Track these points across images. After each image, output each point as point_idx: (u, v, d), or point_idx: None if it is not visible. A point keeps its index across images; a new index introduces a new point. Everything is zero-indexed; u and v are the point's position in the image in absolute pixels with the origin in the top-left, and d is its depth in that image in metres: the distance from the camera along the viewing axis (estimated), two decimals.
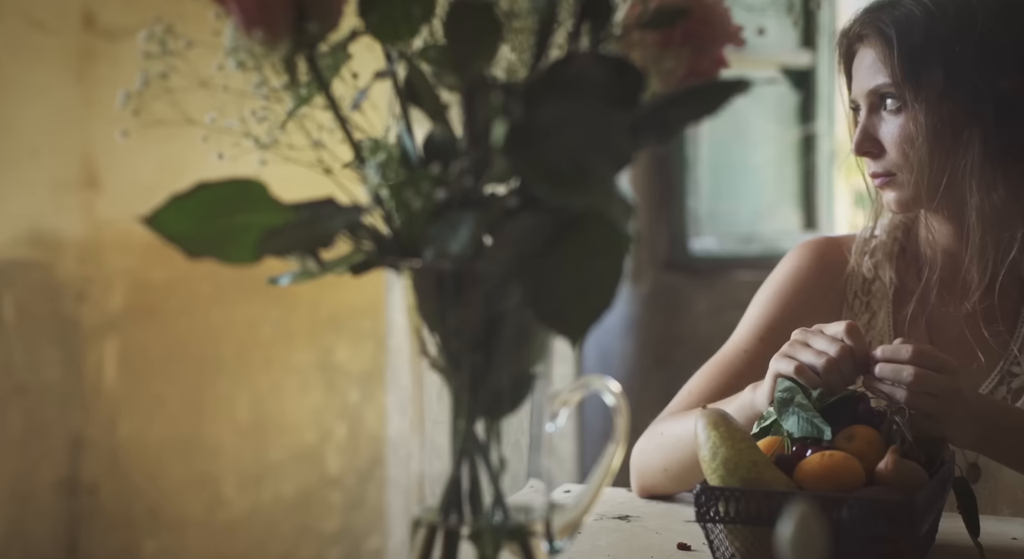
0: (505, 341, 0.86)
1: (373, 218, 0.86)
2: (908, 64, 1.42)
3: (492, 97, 0.77)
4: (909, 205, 1.47)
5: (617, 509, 1.40)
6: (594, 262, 0.80)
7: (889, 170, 1.45)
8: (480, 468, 0.87)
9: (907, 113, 1.42)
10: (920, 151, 1.42)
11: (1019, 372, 1.45)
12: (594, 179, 0.76)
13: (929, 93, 1.42)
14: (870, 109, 1.45)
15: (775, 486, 1.10)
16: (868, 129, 1.45)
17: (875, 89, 1.44)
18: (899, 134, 1.43)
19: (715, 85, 0.84)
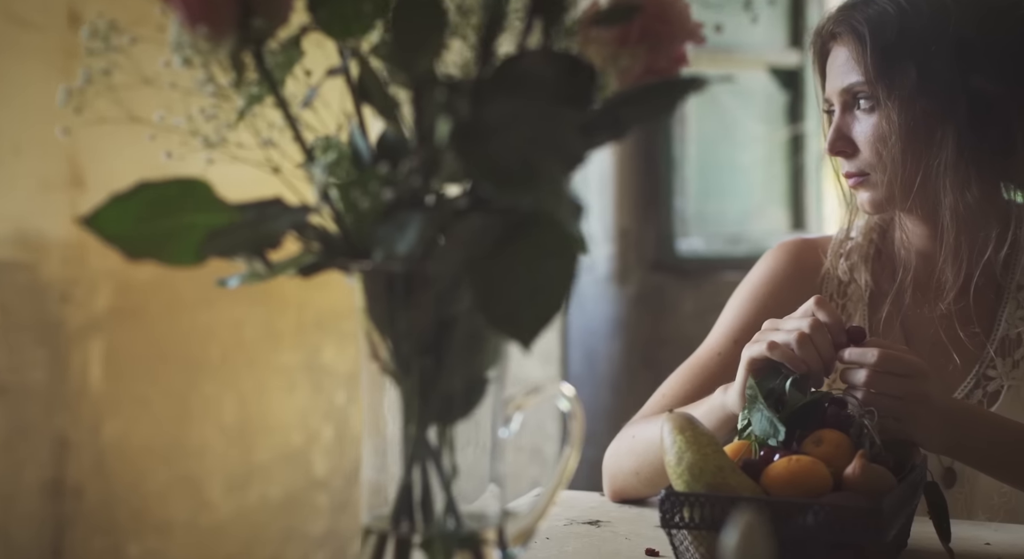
0: (457, 345, 0.84)
1: (322, 218, 0.85)
2: (881, 62, 1.40)
3: (436, 94, 0.75)
4: (883, 205, 1.45)
5: (588, 514, 1.39)
6: (545, 264, 0.78)
7: (862, 170, 1.43)
8: (432, 474, 0.85)
9: (880, 112, 1.40)
10: (893, 150, 1.40)
11: (995, 375, 1.43)
12: (542, 179, 0.74)
13: (902, 91, 1.40)
14: (843, 108, 1.43)
15: (740, 492, 1.08)
16: (841, 128, 1.43)
17: (848, 88, 1.43)
18: (872, 133, 1.41)
19: (668, 83, 0.82)
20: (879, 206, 1.45)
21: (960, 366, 1.45)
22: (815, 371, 1.21)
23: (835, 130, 1.43)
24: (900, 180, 1.41)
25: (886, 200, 1.44)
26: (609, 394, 3.06)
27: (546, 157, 0.75)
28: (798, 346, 1.21)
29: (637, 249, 3.24)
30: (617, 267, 3.17)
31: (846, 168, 1.44)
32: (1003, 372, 1.43)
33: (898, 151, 1.40)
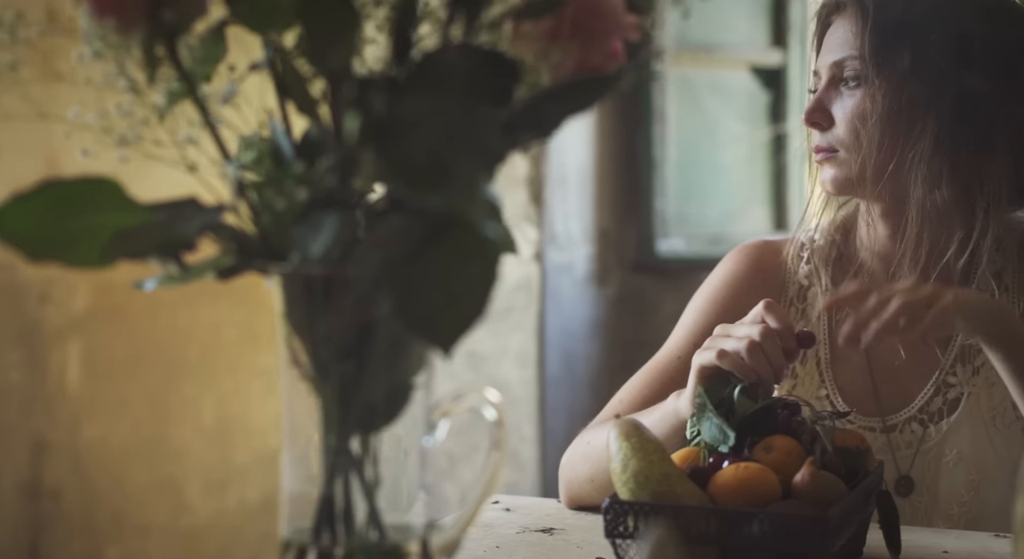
0: (379, 350, 0.81)
1: (240, 219, 0.82)
2: (878, 40, 1.37)
3: (346, 89, 0.72)
4: (845, 186, 1.40)
5: (542, 521, 1.36)
6: (467, 268, 0.75)
7: (833, 145, 1.39)
8: (354, 485, 0.82)
9: (866, 90, 1.37)
10: (871, 131, 1.36)
11: (955, 382, 1.40)
12: (456, 178, 0.71)
13: (892, 73, 1.36)
14: (830, 81, 1.40)
15: (687, 500, 1.05)
16: (823, 100, 1.40)
17: (839, 61, 1.39)
18: (853, 110, 1.37)
19: (591, 79, 0.79)
20: (841, 187, 1.40)
21: (920, 373, 1.42)
22: (765, 379, 1.19)
23: (816, 100, 1.40)
24: (872, 163, 1.37)
25: (850, 181, 1.39)
26: (588, 396, 3.04)
27: (462, 156, 0.72)
28: (748, 355, 1.19)
29: (617, 250, 3.22)
30: (596, 268, 3.14)
31: (817, 141, 1.40)
32: (963, 379, 1.40)
33: (876, 132, 1.36)
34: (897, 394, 1.42)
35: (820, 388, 1.43)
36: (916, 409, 1.41)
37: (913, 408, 1.41)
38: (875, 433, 1.41)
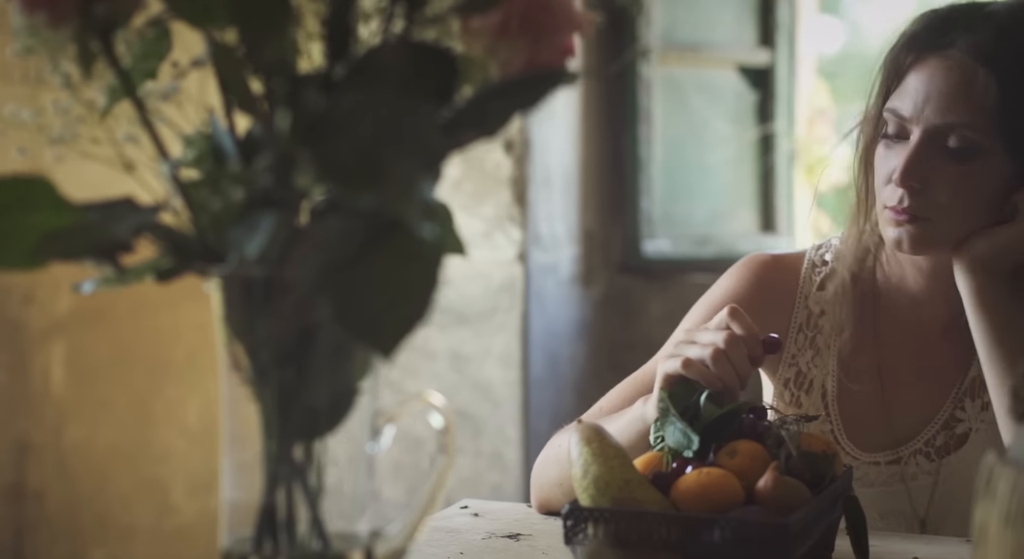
0: (321, 355, 0.79)
1: (179, 220, 0.80)
2: (1009, 119, 1.26)
3: (277, 85, 0.70)
4: (927, 250, 1.32)
5: (510, 527, 1.34)
6: (407, 271, 0.73)
7: (926, 214, 1.29)
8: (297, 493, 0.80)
9: (977, 164, 1.28)
10: (972, 206, 1.29)
11: (963, 417, 1.38)
12: (391, 178, 0.69)
13: (1012, 152, 1.27)
14: (927, 139, 1.28)
15: (648, 506, 1.03)
16: (920, 161, 1.28)
17: (948, 125, 1.28)
18: (958, 184, 1.28)
19: (536, 76, 0.77)
20: (923, 250, 1.32)
21: (928, 407, 1.39)
22: (730, 387, 1.16)
23: (913, 160, 1.28)
24: (963, 231, 1.30)
25: (934, 246, 1.32)
26: (573, 398, 3.02)
27: (398, 155, 0.70)
28: (713, 363, 1.16)
29: (602, 251, 3.19)
30: (582, 269, 3.12)
31: (906, 203, 1.29)
32: (972, 414, 1.38)
33: (981, 206, 1.29)
34: (905, 428, 1.40)
35: (824, 422, 1.40)
36: (922, 443, 1.38)
37: (919, 441, 1.39)
38: (880, 466, 1.38)
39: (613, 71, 3.15)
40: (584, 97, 3.10)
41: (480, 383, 2.90)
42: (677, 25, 3.25)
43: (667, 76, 3.24)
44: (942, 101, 1.28)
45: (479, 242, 2.89)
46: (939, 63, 1.30)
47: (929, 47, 1.31)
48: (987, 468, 0.79)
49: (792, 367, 1.43)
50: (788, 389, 1.43)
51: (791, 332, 1.43)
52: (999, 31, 1.28)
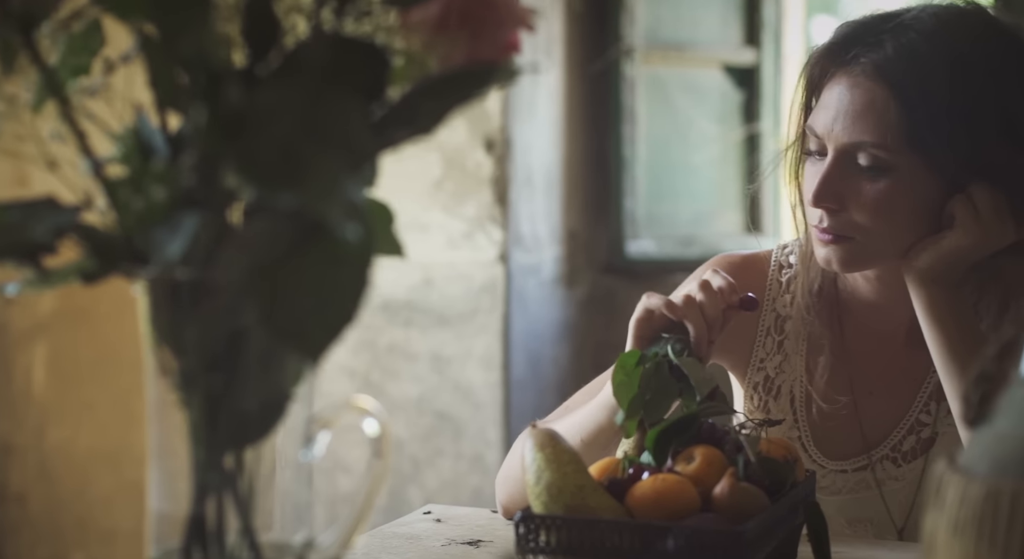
0: (251, 360, 0.77)
1: (104, 220, 0.77)
2: (916, 135, 1.23)
3: (194, 80, 0.68)
4: (856, 268, 1.31)
5: (471, 533, 1.31)
6: (335, 273, 0.71)
7: (848, 234, 1.27)
8: (227, 502, 0.78)
9: (891, 181, 1.24)
10: (899, 220, 1.26)
11: (928, 421, 1.35)
12: (313, 177, 0.67)
13: (928, 166, 1.24)
14: (839, 159, 1.25)
15: (601, 513, 1.01)
16: (832, 182, 1.25)
17: (856, 144, 1.25)
18: (877, 200, 1.24)
19: (470, 72, 0.75)
20: (852, 267, 1.31)
21: (893, 412, 1.37)
22: (698, 332, 1.17)
23: (825, 182, 1.25)
24: (888, 250, 1.28)
25: (861, 264, 1.31)
26: (555, 399, 2.99)
27: (320, 153, 0.68)
28: (683, 303, 1.19)
29: (586, 251, 3.17)
30: (565, 270, 3.10)
31: (826, 224, 1.27)
32: (938, 418, 1.36)
33: (904, 220, 1.26)
34: (871, 434, 1.37)
35: (792, 428, 1.38)
36: (889, 448, 1.36)
37: (886, 447, 1.37)
38: (847, 474, 1.36)
39: (596, 70, 3.12)
40: (567, 96, 3.08)
41: (461, 385, 2.87)
42: (661, 24, 3.22)
43: (651, 75, 3.22)
44: (848, 120, 1.25)
45: (460, 243, 2.87)
46: (846, 80, 1.27)
47: (838, 62, 1.28)
48: (937, 475, 0.77)
49: (760, 371, 1.41)
50: (757, 393, 1.41)
51: (759, 335, 1.41)
52: (900, 47, 1.24)
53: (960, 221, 1.24)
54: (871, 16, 1.30)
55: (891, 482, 1.35)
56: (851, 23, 1.30)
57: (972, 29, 1.27)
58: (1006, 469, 0.73)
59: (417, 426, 2.90)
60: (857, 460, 1.37)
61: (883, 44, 1.25)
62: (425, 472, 2.89)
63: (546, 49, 2.99)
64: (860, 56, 1.26)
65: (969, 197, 1.24)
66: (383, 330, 2.91)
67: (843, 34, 1.29)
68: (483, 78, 0.74)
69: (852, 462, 1.37)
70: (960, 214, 1.24)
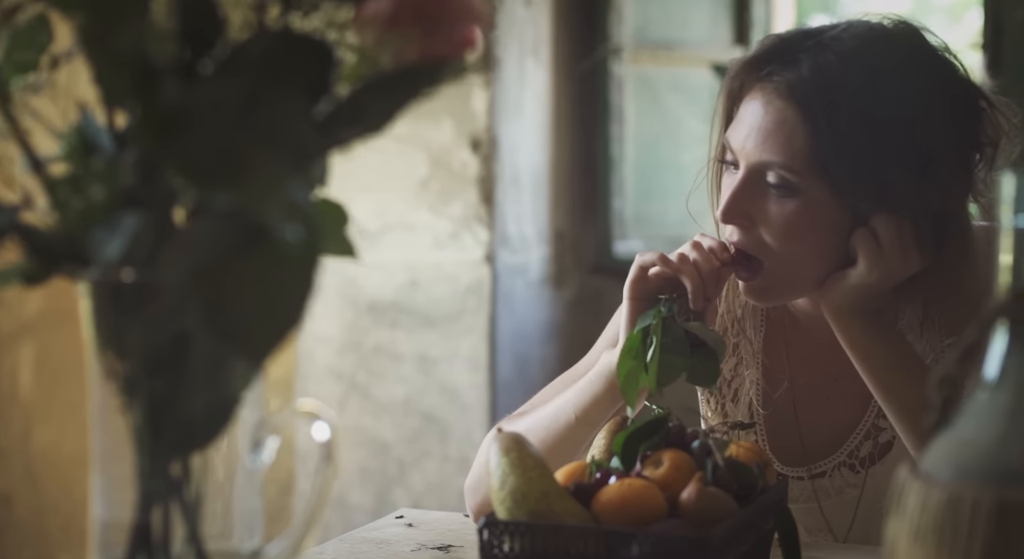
0: (195, 364, 0.75)
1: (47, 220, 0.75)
2: (820, 160, 1.20)
3: (128, 76, 0.66)
4: (774, 298, 1.30)
5: (442, 538, 1.29)
6: (279, 276, 0.69)
7: (757, 253, 1.24)
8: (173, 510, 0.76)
9: (798, 204, 1.21)
10: (802, 246, 1.23)
11: (885, 426, 1.33)
12: (252, 176, 0.65)
13: (834, 192, 1.21)
14: (749, 176, 1.22)
15: (566, 519, 0.99)
16: (741, 199, 1.23)
17: (765, 163, 1.21)
18: (782, 223, 1.21)
19: (417, 70, 0.73)
20: (770, 298, 1.29)
21: (849, 417, 1.35)
22: (693, 283, 1.19)
23: (734, 199, 1.23)
24: (802, 279, 1.26)
25: (776, 294, 1.29)
26: None
27: (260, 151, 0.66)
28: (677, 259, 1.21)
29: (573, 252, 3.15)
30: (552, 270, 3.08)
31: (736, 238, 1.24)
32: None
33: (810, 248, 1.23)
34: (827, 440, 1.36)
35: (750, 433, 1.36)
36: (846, 454, 1.34)
37: (843, 454, 1.35)
38: (803, 481, 1.34)
39: (584, 69, 3.10)
40: (555, 96, 3.06)
41: (447, 386, 2.85)
42: (650, 23, 3.21)
43: (640, 75, 3.20)
44: (759, 137, 1.22)
45: (446, 243, 2.85)
46: (759, 97, 1.23)
47: (754, 77, 1.24)
48: (899, 482, 0.75)
49: None
50: (714, 396, 1.39)
51: None
52: (815, 68, 1.21)
53: (863, 256, 1.21)
54: (795, 31, 1.27)
55: (849, 489, 1.33)
56: (773, 37, 1.27)
57: (892, 54, 1.24)
58: (968, 475, 0.71)
59: (403, 428, 2.88)
60: (813, 466, 1.35)
61: (799, 63, 1.21)
62: (411, 474, 2.87)
63: (533, 48, 2.97)
64: (774, 74, 1.22)
65: (872, 230, 1.21)
66: (369, 331, 2.89)
67: (763, 48, 1.26)
68: (431, 76, 0.72)
69: (808, 469, 1.35)
70: (862, 248, 1.21)
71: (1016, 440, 0.71)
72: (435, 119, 2.83)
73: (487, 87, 2.81)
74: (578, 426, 1.27)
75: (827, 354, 1.35)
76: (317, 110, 0.71)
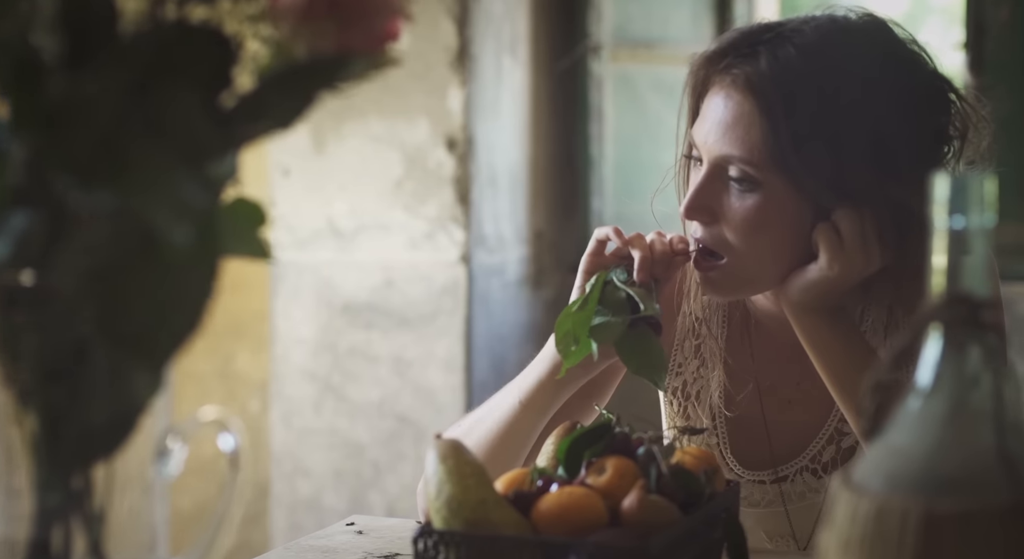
0: (96, 370, 0.72)
1: None
2: (779, 154, 1.18)
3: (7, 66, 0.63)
4: (732, 294, 1.29)
5: (391, 545, 1.27)
6: (176, 279, 0.66)
7: (717, 249, 1.22)
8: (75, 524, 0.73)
9: (759, 199, 1.20)
10: (763, 242, 1.21)
11: (848, 430, 1.30)
12: (136, 173, 0.62)
13: (795, 186, 1.19)
14: (712, 171, 1.22)
15: (503, 529, 0.96)
16: (704, 194, 1.22)
17: (727, 157, 1.20)
18: (743, 218, 1.20)
19: (322, 64, 0.70)
20: (728, 293, 1.28)
21: (813, 421, 1.32)
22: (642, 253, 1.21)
23: (697, 194, 1.22)
24: (763, 276, 1.24)
25: (735, 290, 1.27)
26: None
27: (148, 148, 0.63)
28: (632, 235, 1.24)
29: (552, 252, 3.12)
30: (531, 271, 3.05)
31: (699, 234, 1.23)
32: None
33: (771, 244, 1.21)
34: (790, 444, 1.33)
35: (711, 436, 1.34)
36: (808, 459, 1.32)
37: (805, 458, 1.32)
38: (765, 485, 1.32)
39: (563, 67, 3.07)
40: (533, 94, 3.03)
41: (423, 388, 2.82)
42: (630, 21, 3.17)
43: (620, 73, 3.17)
44: (720, 131, 1.21)
45: (421, 243, 2.82)
46: (721, 90, 1.22)
47: (716, 70, 1.23)
48: (832, 491, 0.72)
49: (679, 376, 1.37)
50: (676, 399, 1.36)
51: (677, 340, 1.38)
52: (774, 61, 1.19)
53: (824, 251, 1.20)
54: (756, 25, 1.26)
55: (811, 495, 1.30)
56: (734, 31, 1.26)
57: (854, 46, 1.22)
58: (898, 485, 0.68)
59: (378, 430, 2.85)
60: (775, 471, 1.32)
61: (758, 56, 1.20)
62: (386, 477, 2.84)
63: (511, 46, 2.94)
64: (733, 66, 1.21)
65: (834, 225, 1.20)
66: (344, 332, 2.86)
67: (724, 42, 1.25)
68: (337, 69, 0.69)
69: (770, 473, 1.32)
70: (824, 244, 1.20)
71: (948, 449, 0.68)
72: (410, 118, 2.80)
73: (463, 85, 2.78)
74: (523, 412, 1.25)
75: (789, 357, 1.33)
76: (217, 105, 0.68)
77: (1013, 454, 0.65)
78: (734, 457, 1.33)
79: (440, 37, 2.77)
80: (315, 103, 0.70)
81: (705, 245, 1.23)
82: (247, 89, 0.70)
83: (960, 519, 0.65)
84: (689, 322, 1.37)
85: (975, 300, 0.69)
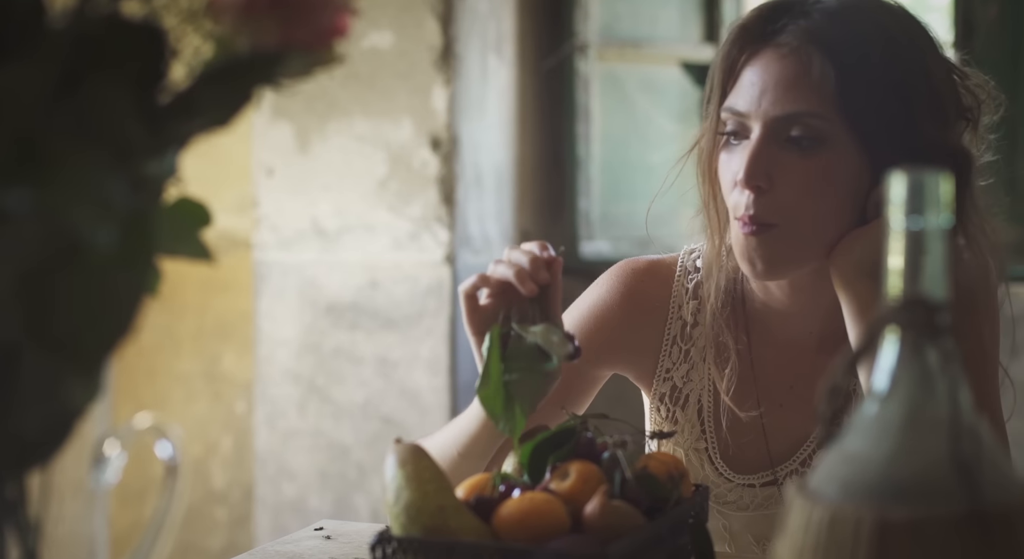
0: (28, 374, 0.70)
1: None
2: (851, 104, 1.17)
3: None
4: (778, 270, 1.23)
5: (358, 551, 1.24)
6: (104, 281, 0.64)
7: (772, 221, 1.19)
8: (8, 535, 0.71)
9: (824, 157, 1.18)
10: (821, 206, 1.18)
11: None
12: (55, 172, 0.60)
13: (861, 142, 1.17)
14: (768, 136, 1.18)
15: (462, 535, 0.94)
16: (761, 159, 1.18)
17: (789, 116, 1.18)
18: (804, 179, 1.17)
19: (259, 59, 0.68)
20: (775, 270, 1.22)
21: (805, 422, 1.30)
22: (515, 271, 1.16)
23: (755, 159, 1.17)
24: (812, 245, 1.21)
25: (784, 263, 1.22)
26: None
27: (69, 145, 0.60)
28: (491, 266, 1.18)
29: None
30: None
31: (752, 210, 1.18)
32: None
33: (833, 204, 1.19)
34: (781, 448, 1.31)
35: (700, 440, 1.31)
36: (798, 463, 1.30)
37: (795, 462, 1.30)
38: (755, 489, 1.30)
39: (549, 66, 3.05)
40: (519, 93, 3.01)
41: (407, 389, 2.80)
42: (618, 20, 3.15)
43: (607, 72, 3.15)
44: (779, 91, 1.19)
45: (406, 243, 2.80)
46: (773, 53, 1.21)
47: (760, 38, 1.22)
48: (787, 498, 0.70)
49: (667, 381, 1.34)
50: (664, 404, 1.34)
51: (664, 345, 1.35)
52: (830, 14, 1.20)
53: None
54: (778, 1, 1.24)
55: None
56: (769, 2, 1.25)
57: (892, 13, 1.24)
58: (853, 492, 0.66)
59: (363, 431, 2.83)
60: (764, 474, 1.30)
61: (810, 14, 1.20)
62: (371, 479, 2.82)
63: (496, 44, 2.92)
64: (788, 25, 1.20)
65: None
66: (328, 333, 2.84)
67: (763, 10, 1.24)
68: (274, 65, 0.67)
69: (760, 476, 1.30)
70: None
71: (905, 456, 0.66)
72: (394, 117, 2.78)
73: (448, 84, 2.76)
74: (464, 461, 1.21)
75: (785, 358, 1.31)
76: (151, 102, 0.66)
77: (968, 462, 0.64)
78: (723, 461, 1.31)
79: (424, 36, 2.75)
80: (252, 99, 0.68)
81: (757, 216, 1.19)
82: (183, 85, 0.68)
83: (914, 527, 0.63)
84: (677, 327, 1.34)
85: (932, 303, 0.67)
